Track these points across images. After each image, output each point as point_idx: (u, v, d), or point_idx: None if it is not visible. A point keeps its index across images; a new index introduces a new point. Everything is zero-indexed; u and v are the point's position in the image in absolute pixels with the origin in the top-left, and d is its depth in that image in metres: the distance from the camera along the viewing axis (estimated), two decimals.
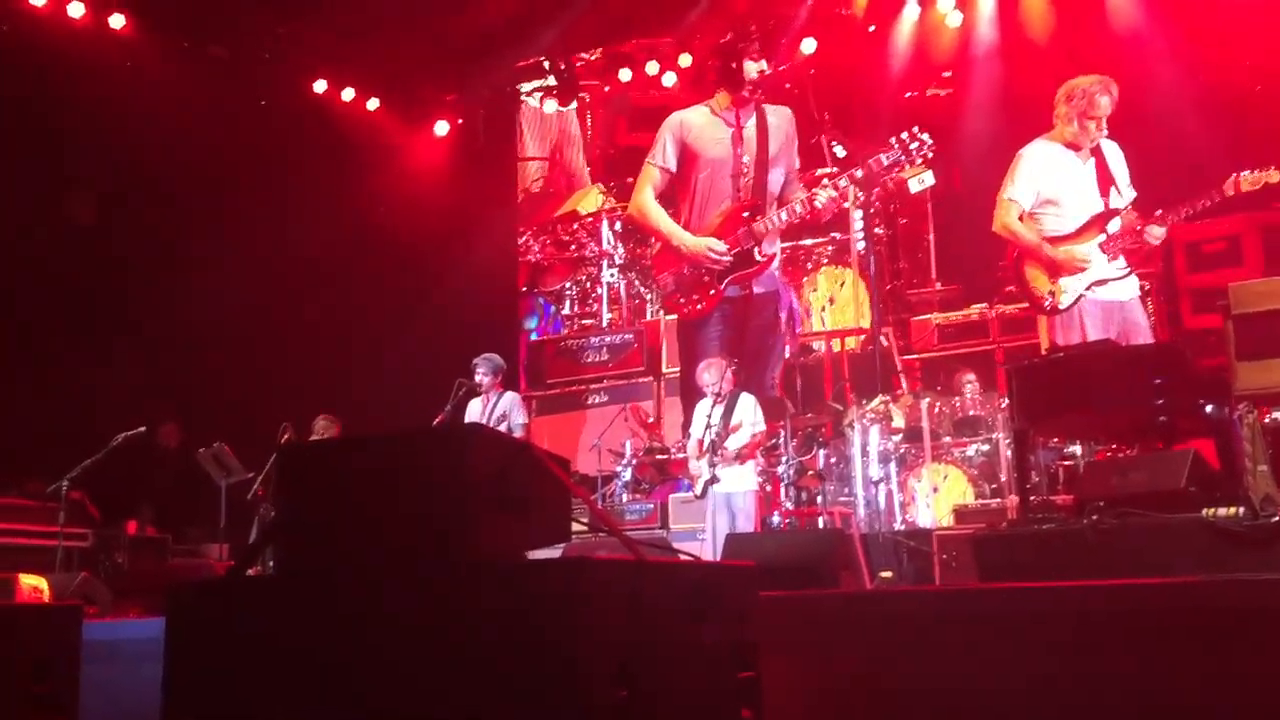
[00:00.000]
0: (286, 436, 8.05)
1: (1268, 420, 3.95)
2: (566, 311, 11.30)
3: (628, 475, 7.96)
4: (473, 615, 1.94)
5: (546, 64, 11.37)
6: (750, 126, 6.15)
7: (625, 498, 7.77)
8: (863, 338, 9.05)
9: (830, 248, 9.93)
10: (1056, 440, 6.48)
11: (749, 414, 6.45)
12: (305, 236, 10.08)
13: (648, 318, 10.36)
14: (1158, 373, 4.14)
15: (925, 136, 5.84)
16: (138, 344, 9.55)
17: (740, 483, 6.42)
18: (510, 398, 8.40)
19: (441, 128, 11.83)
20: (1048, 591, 2.41)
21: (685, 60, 10.75)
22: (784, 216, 5.95)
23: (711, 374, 6.26)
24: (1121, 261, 5.53)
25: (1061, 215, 5.63)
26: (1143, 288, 6.07)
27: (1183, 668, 2.21)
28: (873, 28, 10.18)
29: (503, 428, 7.69)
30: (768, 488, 6.80)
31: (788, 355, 7.53)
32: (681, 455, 7.41)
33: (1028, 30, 9.51)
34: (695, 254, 5.98)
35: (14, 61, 9.01)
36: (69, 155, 9.48)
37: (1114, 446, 5.84)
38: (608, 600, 1.93)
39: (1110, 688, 2.29)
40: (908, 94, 10.09)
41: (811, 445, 7.20)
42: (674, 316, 8.05)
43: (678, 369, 8.04)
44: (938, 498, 6.99)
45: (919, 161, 5.98)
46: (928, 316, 9.24)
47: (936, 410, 7.50)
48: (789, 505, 6.74)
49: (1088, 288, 5.50)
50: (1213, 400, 3.93)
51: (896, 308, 9.60)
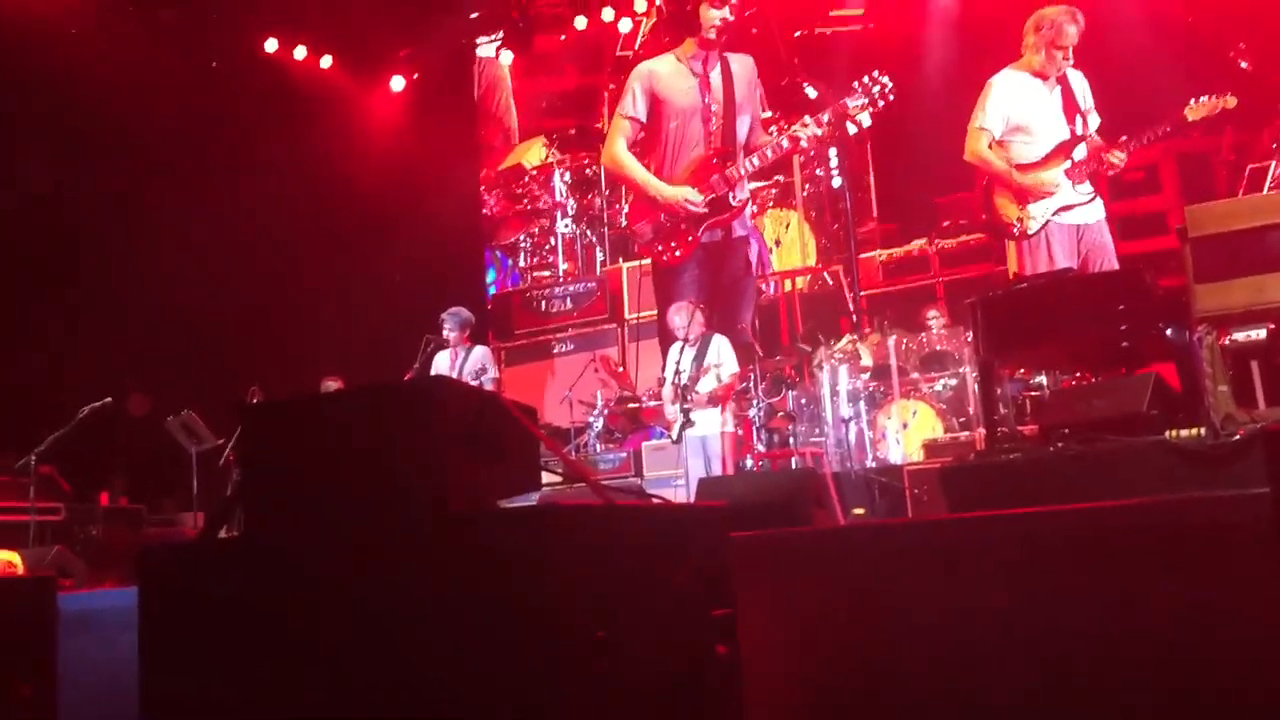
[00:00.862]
0: (257, 400, 7.99)
1: (1227, 342, 3.99)
2: (523, 264, 11.29)
3: (600, 425, 7.98)
4: (443, 566, 1.95)
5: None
6: (716, 75, 6.17)
7: (598, 448, 7.79)
8: (809, 277, 9.16)
9: (774, 191, 9.94)
10: (1023, 372, 6.54)
11: (720, 355, 6.47)
12: (265, 198, 9.98)
13: (597, 269, 10.39)
14: (1119, 299, 4.16)
15: (885, 79, 5.94)
16: (100, 313, 9.44)
17: (714, 426, 6.45)
18: (482, 351, 8.37)
19: (397, 83, 11.68)
20: (1016, 518, 2.44)
21: (640, 4, 10.64)
22: (768, 155, 5.99)
23: (681, 317, 6.28)
24: (1087, 186, 5.69)
25: (1030, 143, 5.76)
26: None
27: (1145, 588, 2.26)
28: None
29: (482, 381, 7.67)
30: (739, 432, 6.83)
31: (760, 298, 7.56)
32: (655, 403, 7.42)
33: None
34: (671, 203, 6.02)
35: None
36: (21, 122, 9.29)
37: (1079, 375, 5.90)
38: (577, 544, 1.94)
39: (1076, 610, 2.33)
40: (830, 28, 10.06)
41: (780, 387, 7.24)
42: (635, 264, 7.98)
43: (638, 314, 7.99)
44: (907, 434, 7.02)
45: (881, 104, 6.03)
46: (872, 254, 9.38)
47: (904, 347, 7.53)
48: (761, 448, 6.78)
49: (1055, 213, 5.65)
50: (1173, 324, 3.95)
51: (842, 247, 9.69)
